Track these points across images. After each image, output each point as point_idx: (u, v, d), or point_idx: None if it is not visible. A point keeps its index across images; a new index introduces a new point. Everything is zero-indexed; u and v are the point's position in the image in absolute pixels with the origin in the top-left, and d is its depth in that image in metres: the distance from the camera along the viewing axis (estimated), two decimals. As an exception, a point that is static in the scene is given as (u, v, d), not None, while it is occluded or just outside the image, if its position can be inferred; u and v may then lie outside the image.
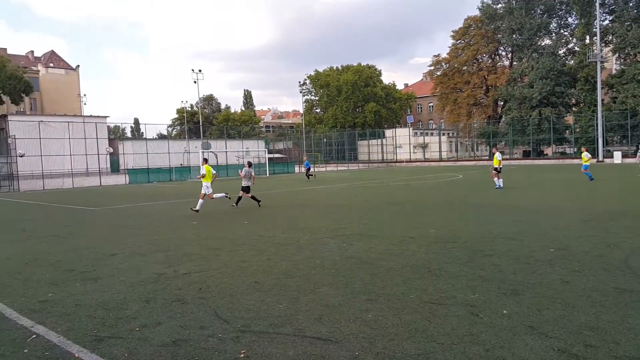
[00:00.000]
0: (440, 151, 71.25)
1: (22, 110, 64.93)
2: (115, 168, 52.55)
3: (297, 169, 54.29)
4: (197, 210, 15.16)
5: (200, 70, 52.92)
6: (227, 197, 16.80)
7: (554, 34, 65.11)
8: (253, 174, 16.67)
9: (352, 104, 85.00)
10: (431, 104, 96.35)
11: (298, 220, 13.07)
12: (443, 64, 74.96)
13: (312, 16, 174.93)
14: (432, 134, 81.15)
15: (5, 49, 71.87)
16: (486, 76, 70.11)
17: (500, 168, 21.31)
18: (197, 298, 6.08)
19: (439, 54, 76.43)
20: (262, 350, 4.42)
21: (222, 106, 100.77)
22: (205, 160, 16.65)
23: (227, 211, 15.81)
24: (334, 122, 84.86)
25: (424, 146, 73.98)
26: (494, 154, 22.21)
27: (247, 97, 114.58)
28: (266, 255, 8.51)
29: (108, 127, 62.18)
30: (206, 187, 15.65)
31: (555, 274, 6.66)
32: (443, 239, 9.54)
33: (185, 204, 18.78)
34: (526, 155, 63.24)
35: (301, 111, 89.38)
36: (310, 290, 6.27)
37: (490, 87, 69.98)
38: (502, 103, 70.02)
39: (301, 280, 6.78)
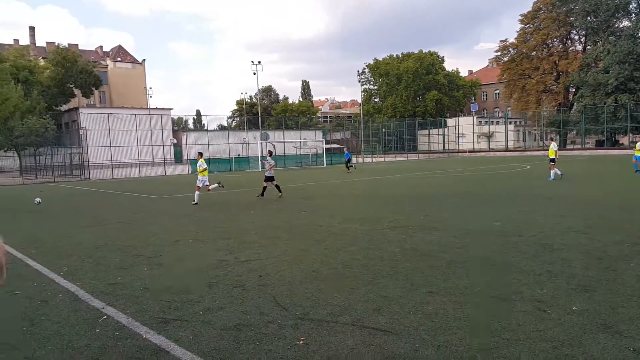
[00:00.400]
0: (506, 141, 68.51)
1: (92, 103, 68.62)
2: (178, 158, 54.65)
3: (354, 160, 54.10)
4: (196, 203, 15.30)
5: (259, 62, 53.72)
6: (221, 186, 17.10)
7: (633, 15, 60.51)
8: (272, 162, 17.04)
9: (412, 93, 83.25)
10: (497, 91, 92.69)
11: (355, 211, 13.01)
12: (510, 49, 71.81)
13: (371, 4, 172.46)
14: (497, 123, 77.97)
15: (77, 44, 76.16)
16: (557, 62, 66.48)
17: (554, 159, 20.60)
18: (257, 285, 6.18)
19: (506, 39, 73.29)
20: (321, 338, 4.43)
21: (281, 97, 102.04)
22: (200, 155, 16.89)
23: (283, 201, 16.02)
24: (393, 112, 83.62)
25: (489, 135, 71.44)
26: (548, 145, 21.33)
27: (305, 88, 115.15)
28: (324, 245, 8.53)
29: (172, 119, 64.67)
30: (201, 180, 15.63)
31: (630, 270, 6.22)
32: (508, 232, 9.17)
33: (245, 194, 19.21)
34: (599, 144, 59.60)
35: (359, 101, 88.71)
36: (368, 281, 6.21)
37: (561, 73, 66.32)
38: (574, 90, 66.14)
39: (359, 270, 6.73)
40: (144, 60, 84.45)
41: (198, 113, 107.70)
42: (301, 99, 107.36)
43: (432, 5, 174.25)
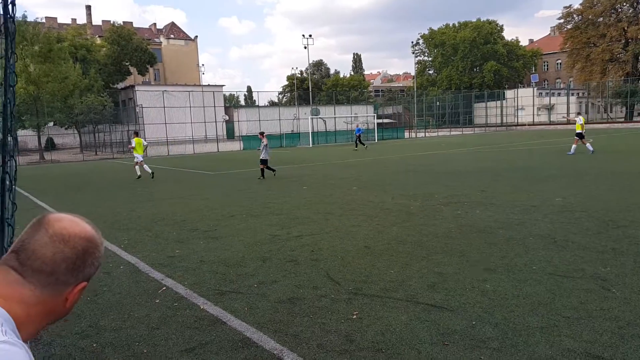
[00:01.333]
0: (567, 113, 65.08)
1: (147, 80, 70.38)
2: (230, 135, 55.67)
3: (407, 134, 53.21)
4: (139, 176, 17.31)
5: (310, 35, 53.32)
6: (151, 175, 17.42)
7: None
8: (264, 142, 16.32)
9: (469, 64, 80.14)
10: (559, 61, 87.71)
11: (408, 186, 12.80)
12: (575, 16, 67.43)
13: None
14: (559, 94, 73.98)
15: (131, 22, 78.13)
16: (626, 28, 61.92)
17: (582, 133, 20.20)
18: (310, 260, 6.22)
19: (570, 5, 68.72)
20: (374, 313, 4.41)
21: (331, 71, 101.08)
22: (136, 134, 18.10)
23: (334, 178, 16.00)
24: (448, 84, 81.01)
25: (550, 108, 68.10)
26: (575, 119, 20.61)
27: (356, 61, 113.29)
28: (376, 220, 8.45)
29: (224, 95, 65.69)
30: (137, 157, 17.36)
31: None
32: (570, 207, 8.73)
33: (296, 170, 19.34)
34: (670, 117, 55.51)
35: (413, 73, 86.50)
36: (422, 257, 6.10)
37: (630, 40, 61.81)
38: (643, 57, 61.63)
39: (413, 246, 6.63)
40: (196, 36, 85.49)
41: (249, 89, 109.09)
42: (352, 73, 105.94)
43: None
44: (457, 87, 79.31)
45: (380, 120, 57.76)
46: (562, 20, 69.69)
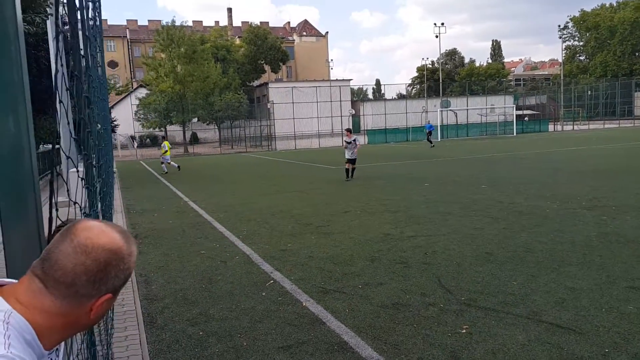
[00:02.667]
0: None
1: (279, 77, 73.80)
2: (356, 129, 55.98)
3: (551, 127, 48.61)
4: (166, 172, 19.52)
5: (442, 24, 51.34)
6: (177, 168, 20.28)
7: None
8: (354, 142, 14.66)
9: (629, 48, 70.44)
10: None
11: (547, 186, 11.57)
12: None
13: None
14: None
15: (267, 22, 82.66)
16: None
17: None
18: (421, 263, 5.85)
19: None
20: (487, 329, 3.95)
21: (466, 60, 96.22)
22: (164, 138, 21.06)
23: (460, 174, 15.12)
24: (603, 71, 72.14)
25: None
26: None
27: (495, 48, 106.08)
28: (503, 224, 7.71)
29: (351, 89, 66.29)
30: (166, 158, 20.18)
31: None
32: None
33: (419, 165, 18.70)
34: None
35: (560, 60, 78.77)
36: (553, 268, 5.38)
37: None
38: None
39: (543, 255, 5.89)
40: (327, 32, 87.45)
41: (377, 82, 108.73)
42: (490, 61, 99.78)
43: None
44: (613, 74, 70.29)
45: (520, 112, 53.70)
46: None
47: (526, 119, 51.52)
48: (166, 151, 20.27)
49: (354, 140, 14.72)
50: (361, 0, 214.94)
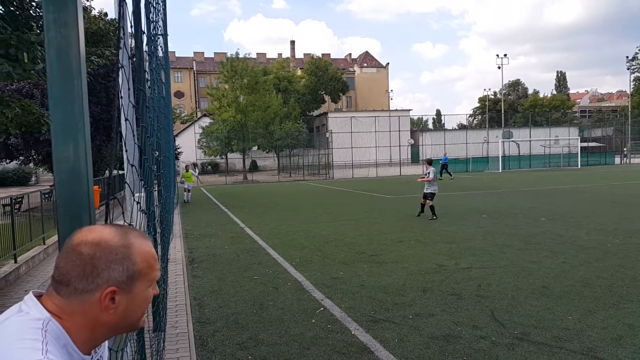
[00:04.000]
0: None
1: (339, 107, 74.84)
2: (415, 158, 55.47)
3: (617, 160, 46.18)
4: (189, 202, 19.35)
5: (505, 55, 50.47)
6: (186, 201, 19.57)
7: None
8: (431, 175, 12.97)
9: None
10: None
11: (610, 220, 11.02)
12: None
13: None
14: None
15: (329, 54, 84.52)
16: None
17: None
18: (475, 295, 5.74)
19: None
20: (539, 366, 3.83)
21: (530, 91, 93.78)
22: (187, 168, 20.65)
23: (519, 207, 14.64)
24: (673, 102, 68.27)
25: None
26: None
27: (560, 80, 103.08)
28: (562, 257, 7.44)
29: (411, 119, 66.00)
30: (188, 185, 19.92)
31: None
32: None
33: (477, 196, 18.28)
34: None
35: (628, 92, 75.15)
36: (612, 304, 5.15)
37: None
38: None
39: (602, 290, 5.65)
40: (388, 63, 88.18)
41: (438, 112, 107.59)
42: (555, 92, 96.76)
43: None
44: (685, 105, 66.16)
45: (585, 144, 51.34)
46: None
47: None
48: (189, 178, 20.23)
49: (428, 173, 13.18)
50: (423, 32, 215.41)
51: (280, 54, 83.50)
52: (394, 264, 7.45)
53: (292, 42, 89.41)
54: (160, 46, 5.82)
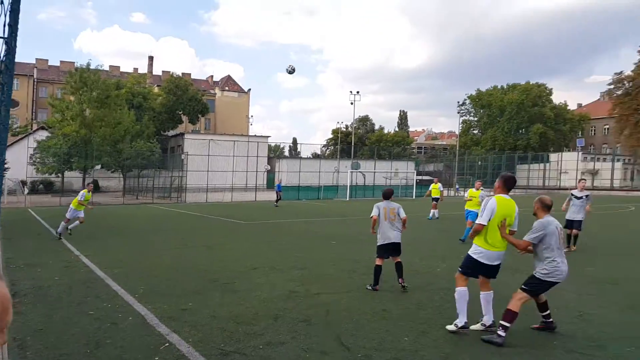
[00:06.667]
0: (612, 179, 62.82)
1: (197, 129, 72.94)
2: (270, 184, 56.29)
3: (445, 192, 52.26)
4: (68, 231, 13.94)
5: (357, 92, 54.36)
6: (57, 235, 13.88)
7: None
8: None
9: (515, 125, 79.36)
10: (607, 127, 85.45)
11: (438, 248, 12.32)
12: (626, 82, 66.03)
13: (480, 34, 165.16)
14: (604, 160, 71.77)
15: (190, 74, 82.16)
16: (677, 95, 60.01)
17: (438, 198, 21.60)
18: (324, 321, 5.94)
19: (621, 72, 67.44)
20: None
21: (377, 127, 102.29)
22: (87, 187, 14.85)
23: (364, 233, 15.65)
24: (492, 144, 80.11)
25: (594, 173, 65.80)
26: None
27: (402, 118, 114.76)
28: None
29: (269, 145, 67.04)
30: (74, 210, 14.09)
31: None
32: (600, 279, 8.10)
33: (328, 223, 19.12)
34: None
35: (457, 132, 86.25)
36: (441, 325, 5.71)
37: (682, 108, 59.73)
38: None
39: (433, 312, 6.24)
40: (249, 89, 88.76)
41: (294, 141, 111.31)
42: (397, 129, 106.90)
43: (549, 36, 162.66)
44: (501, 147, 78.21)
45: (420, 177, 57.19)
46: (612, 86, 68.43)
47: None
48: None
49: (587, 196, 11.57)
50: (285, 63, 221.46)
51: (136, 69, 78.84)
52: (247, 292, 7.38)
53: (151, 58, 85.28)
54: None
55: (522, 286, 5.27)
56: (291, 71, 18.76)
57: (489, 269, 5.42)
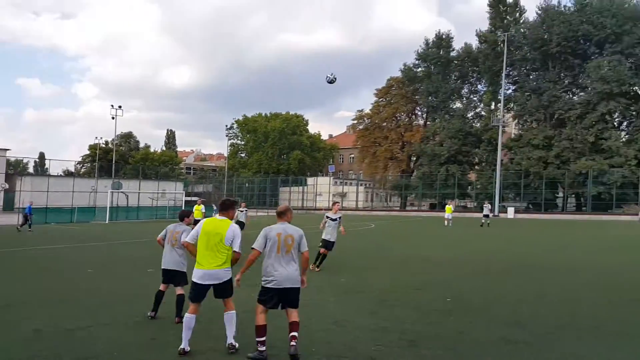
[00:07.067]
0: (357, 201, 73.32)
1: None
2: (9, 206, 48.00)
3: (213, 213, 53.06)
4: None
5: (120, 107, 51.05)
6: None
7: (464, 99, 70.71)
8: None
9: (277, 151, 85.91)
10: (352, 156, 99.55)
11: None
12: (365, 119, 78.31)
13: (246, 62, 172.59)
14: (351, 184, 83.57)
15: None
16: (403, 133, 74.03)
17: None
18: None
19: (362, 110, 79.83)
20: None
21: (142, 145, 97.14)
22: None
23: (130, 261, 14.85)
24: (258, 168, 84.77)
25: (343, 195, 75.71)
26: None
27: (170, 137, 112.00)
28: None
29: (7, 160, 57.40)
30: None
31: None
32: (354, 289, 9.52)
33: (85, 249, 17.48)
34: (432, 207, 66.71)
35: (225, 154, 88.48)
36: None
37: (405, 143, 73.85)
38: (415, 158, 74.09)
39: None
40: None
41: (41, 156, 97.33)
42: (165, 148, 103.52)
43: (303, 71, 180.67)
44: (266, 171, 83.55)
45: (189, 198, 56.64)
46: (355, 121, 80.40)
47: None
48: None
49: (340, 218, 12.36)
50: (32, 68, 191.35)
51: None
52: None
53: None
54: None
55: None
56: (333, 80, 16.36)
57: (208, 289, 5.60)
